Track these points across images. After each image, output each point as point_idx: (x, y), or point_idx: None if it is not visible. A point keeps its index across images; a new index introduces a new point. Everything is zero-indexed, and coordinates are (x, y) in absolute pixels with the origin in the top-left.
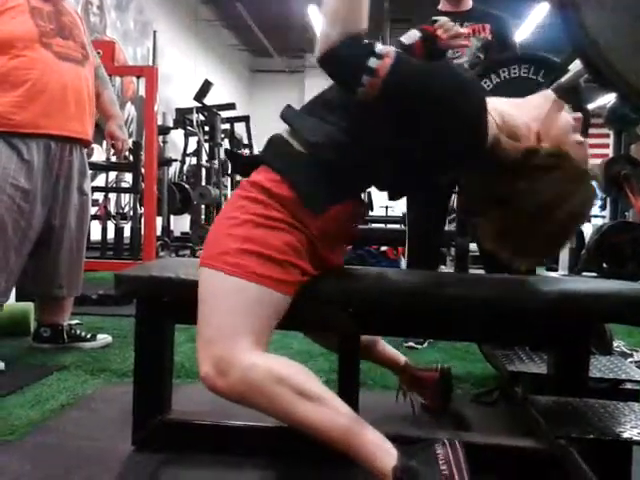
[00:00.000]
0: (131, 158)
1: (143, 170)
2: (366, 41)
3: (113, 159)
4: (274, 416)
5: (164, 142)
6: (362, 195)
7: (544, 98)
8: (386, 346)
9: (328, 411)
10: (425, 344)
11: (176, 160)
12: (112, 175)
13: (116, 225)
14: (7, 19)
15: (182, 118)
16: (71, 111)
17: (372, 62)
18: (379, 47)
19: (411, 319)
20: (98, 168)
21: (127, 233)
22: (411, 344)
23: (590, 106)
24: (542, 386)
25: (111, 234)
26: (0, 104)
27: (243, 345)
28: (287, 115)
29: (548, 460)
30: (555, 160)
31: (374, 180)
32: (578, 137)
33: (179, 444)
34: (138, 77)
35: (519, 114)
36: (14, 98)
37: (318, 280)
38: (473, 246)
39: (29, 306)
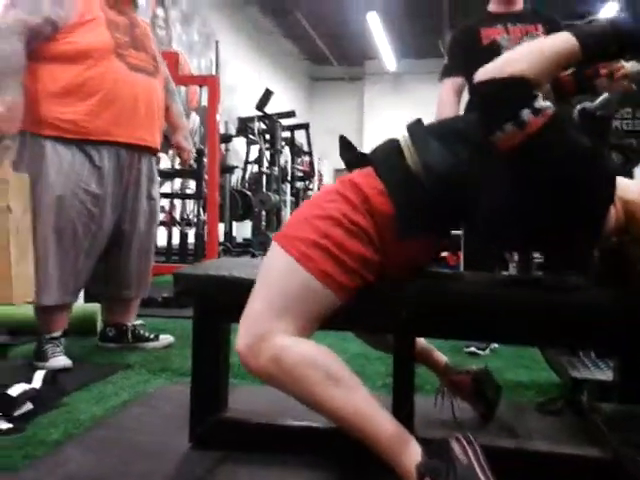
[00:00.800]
0: (195, 165)
1: (206, 177)
2: (534, 92)
3: (178, 166)
4: (300, 399)
5: (226, 150)
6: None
7: None
8: (427, 345)
9: (356, 399)
10: (487, 350)
11: (238, 167)
12: (177, 183)
13: (181, 231)
14: (86, 31)
15: (244, 126)
16: (141, 120)
17: (525, 114)
18: (541, 102)
19: (468, 321)
20: (163, 175)
21: (191, 239)
22: (473, 349)
23: None
24: (608, 394)
25: (176, 239)
26: (74, 112)
27: (282, 328)
28: (413, 130)
29: (614, 470)
30: None
31: (471, 222)
32: None
33: (235, 442)
34: (201, 86)
35: None
36: (88, 107)
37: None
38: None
39: (96, 307)
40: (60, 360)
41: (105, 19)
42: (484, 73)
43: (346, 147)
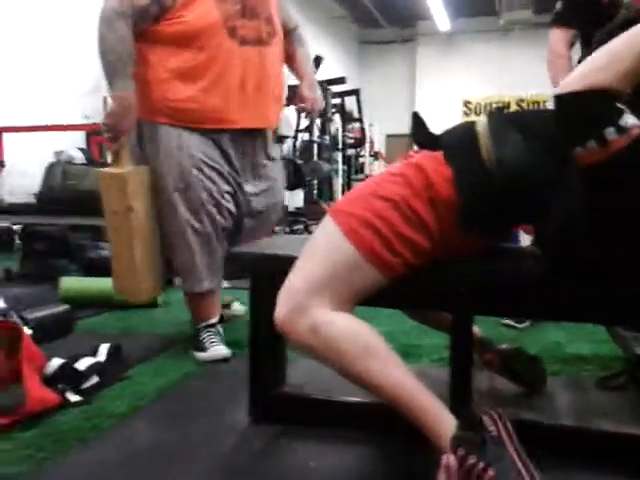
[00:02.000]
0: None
1: None
2: (620, 106)
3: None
4: (339, 372)
5: None
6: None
7: None
8: None
9: (394, 373)
10: (527, 322)
11: (289, 137)
12: None
13: None
14: (193, 9)
15: (294, 95)
16: (250, 102)
17: (609, 132)
18: (627, 120)
19: (526, 300)
20: None
21: None
22: (508, 321)
23: None
24: None
25: None
26: (184, 99)
27: (323, 301)
28: (493, 118)
29: None
30: None
31: (537, 227)
32: None
33: (293, 417)
34: None
35: None
36: (195, 92)
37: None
38: None
39: None
40: (220, 350)
41: None
42: (565, 84)
43: (419, 125)
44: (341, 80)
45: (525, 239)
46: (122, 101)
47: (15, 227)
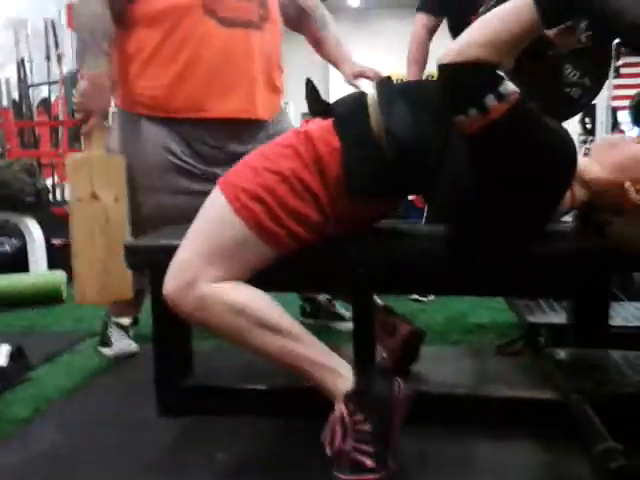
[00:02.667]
0: None
1: None
2: (499, 73)
3: None
4: (232, 343)
5: None
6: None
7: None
8: None
9: (284, 340)
10: (432, 296)
11: None
12: None
13: None
14: None
15: None
16: (233, 90)
17: (489, 100)
18: (506, 87)
19: (424, 276)
20: None
21: None
22: (416, 296)
23: None
24: (563, 337)
25: None
26: (155, 87)
27: (211, 274)
28: (382, 89)
29: (562, 413)
30: None
31: (426, 192)
32: None
33: (202, 408)
34: None
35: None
36: (168, 79)
37: (327, 241)
38: None
39: (60, 275)
40: (126, 344)
41: None
42: (446, 55)
43: (312, 92)
44: None
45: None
46: (93, 79)
47: None
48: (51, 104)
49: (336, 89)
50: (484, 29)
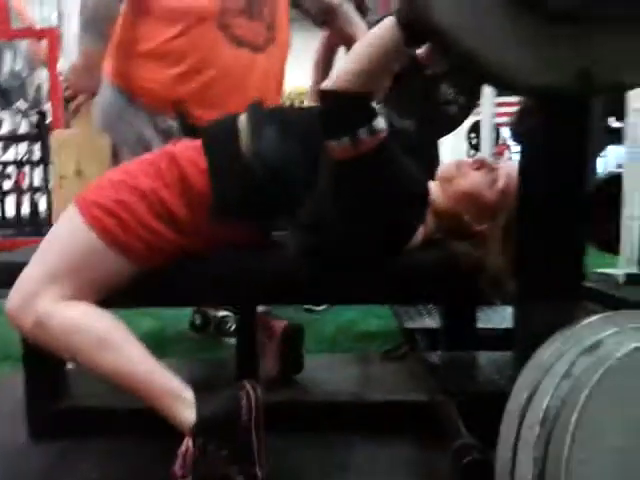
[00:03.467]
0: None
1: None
2: (373, 107)
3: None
4: (73, 362)
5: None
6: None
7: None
8: None
9: (126, 361)
10: (324, 305)
11: None
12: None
13: (31, 199)
14: None
15: None
16: (225, 106)
17: (362, 132)
18: (378, 123)
19: (304, 287)
20: (6, 140)
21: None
22: (309, 306)
23: None
24: (439, 340)
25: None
26: (155, 80)
27: (54, 292)
28: (253, 112)
29: (431, 413)
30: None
31: (292, 218)
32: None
33: (76, 431)
34: (39, 40)
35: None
36: (169, 76)
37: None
38: None
39: None
40: None
41: None
42: (330, 79)
43: (182, 114)
44: None
45: None
46: (87, 57)
47: None
48: None
49: None
50: (354, 58)
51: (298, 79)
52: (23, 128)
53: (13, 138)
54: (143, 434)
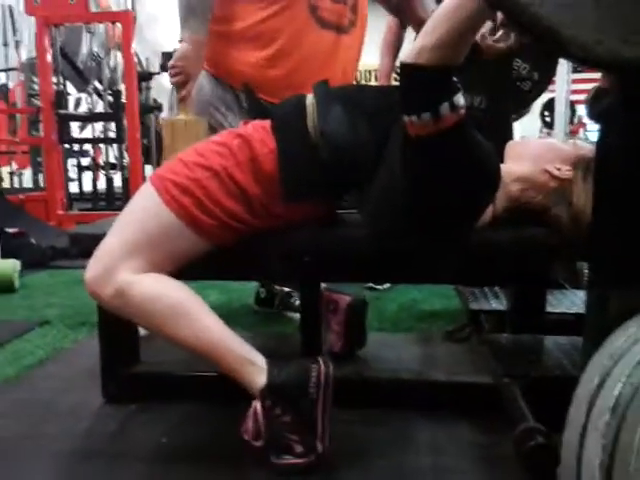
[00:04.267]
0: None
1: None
2: (455, 81)
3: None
4: (150, 331)
5: (147, 88)
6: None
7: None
8: None
9: (201, 327)
10: (387, 284)
11: (162, 105)
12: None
13: (106, 176)
14: None
15: (168, 62)
16: (310, 87)
17: (444, 108)
18: (459, 99)
19: (370, 264)
20: (82, 120)
21: (118, 183)
22: (371, 285)
23: None
24: (504, 323)
25: (102, 185)
26: (246, 63)
27: (132, 264)
28: (319, 92)
29: (496, 396)
30: None
31: (361, 196)
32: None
33: (148, 395)
34: (113, 23)
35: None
36: (259, 59)
37: (274, 231)
38: None
39: (12, 263)
40: None
41: None
42: (406, 56)
43: (251, 96)
44: None
45: None
46: (195, 43)
47: None
48: (9, 91)
49: None
50: (433, 31)
51: (367, 57)
52: (99, 108)
53: (90, 117)
54: (212, 400)
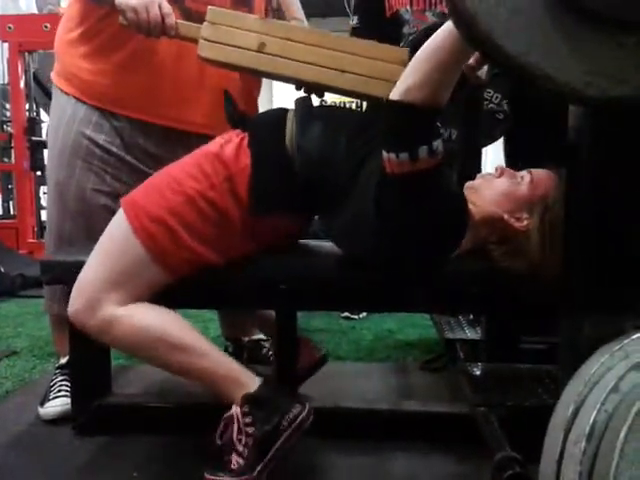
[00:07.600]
0: None
1: None
2: (438, 127)
3: None
4: (140, 359)
5: None
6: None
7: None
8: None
9: (188, 356)
10: (363, 314)
11: None
12: None
13: None
14: None
15: None
16: (182, 93)
17: (422, 151)
18: (438, 144)
19: (344, 293)
20: None
21: None
22: (347, 314)
23: None
24: (479, 352)
25: None
26: (92, 71)
27: (114, 297)
28: (300, 107)
29: (471, 425)
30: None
31: (330, 216)
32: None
33: (119, 427)
34: None
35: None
36: (109, 66)
37: (250, 259)
38: None
39: None
40: (59, 403)
41: None
42: (395, 92)
43: (229, 105)
44: None
45: None
46: None
47: None
48: None
49: (280, 98)
50: (419, 70)
51: None
52: None
53: None
54: (184, 432)
